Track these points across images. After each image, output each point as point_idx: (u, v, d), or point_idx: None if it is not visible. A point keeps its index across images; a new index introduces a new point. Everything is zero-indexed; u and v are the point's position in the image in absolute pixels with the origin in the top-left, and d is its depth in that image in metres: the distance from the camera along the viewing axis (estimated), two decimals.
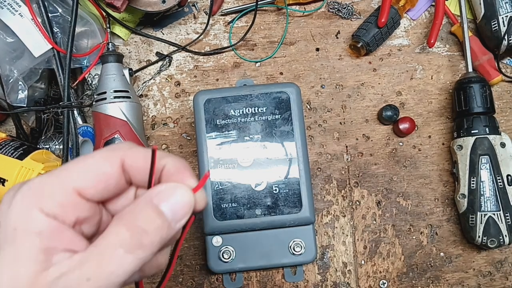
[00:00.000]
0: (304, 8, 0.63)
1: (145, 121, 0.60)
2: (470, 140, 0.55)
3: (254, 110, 0.52)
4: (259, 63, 0.62)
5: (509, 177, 0.55)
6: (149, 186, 0.23)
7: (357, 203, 0.59)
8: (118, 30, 0.61)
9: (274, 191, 0.51)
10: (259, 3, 0.59)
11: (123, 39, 0.62)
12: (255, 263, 0.53)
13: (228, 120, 0.51)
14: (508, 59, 0.63)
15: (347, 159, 0.60)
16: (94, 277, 0.20)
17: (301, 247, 0.53)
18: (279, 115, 0.52)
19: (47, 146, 0.56)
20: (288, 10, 0.62)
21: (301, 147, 0.51)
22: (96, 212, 0.23)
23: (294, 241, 0.53)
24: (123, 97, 0.53)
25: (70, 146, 0.52)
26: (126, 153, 0.23)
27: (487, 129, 0.55)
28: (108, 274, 0.20)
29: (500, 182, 0.54)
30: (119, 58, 0.56)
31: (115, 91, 0.53)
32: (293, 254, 0.53)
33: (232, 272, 0.56)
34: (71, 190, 0.21)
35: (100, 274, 0.20)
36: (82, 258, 0.20)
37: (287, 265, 0.55)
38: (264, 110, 0.52)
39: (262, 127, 0.51)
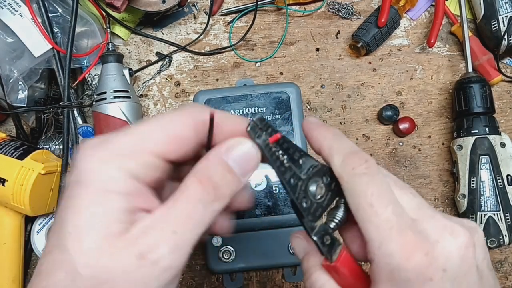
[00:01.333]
0: (304, 8, 0.63)
1: None
2: (470, 140, 0.55)
3: (254, 110, 0.52)
4: (259, 63, 0.62)
5: (509, 177, 0.55)
6: (207, 149, 0.24)
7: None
8: (118, 30, 0.61)
9: (274, 191, 0.51)
10: (259, 3, 0.59)
11: (123, 39, 0.62)
12: (255, 263, 0.53)
13: None
14: (508, 59, 0.63)
15: None
16: (179, 230, 0.21)
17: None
18: (279, 115, 0.52)
19: (47, 146, 0.56)
20: (288, 10, 0.62)
21: (301, 147, 0.51)
22: (169, 171, 0.24)
23: None
24: (123, 97, 0.53)
25: (70, 146, 0.52)
26: (197, 116, 0.24)
27: (487, 129, 0.55)
28: (192, 227, 0.22)
29: (500, 182, 0.54)
30: (119, 58, 0.56)
31: (115, 91, 0.53)
32: (293, 254, 0.53)
33: (232, 272, 0.56)
34: (153, 152, 0.22)
35: (184, 227, 0.21)
36: (165, 214, 0.22)
37: (287, 265, 0.55)
38: (264, 110, 0.52)
39: None
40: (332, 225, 0.26)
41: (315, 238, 0.25)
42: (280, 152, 0.24)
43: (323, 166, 0.26)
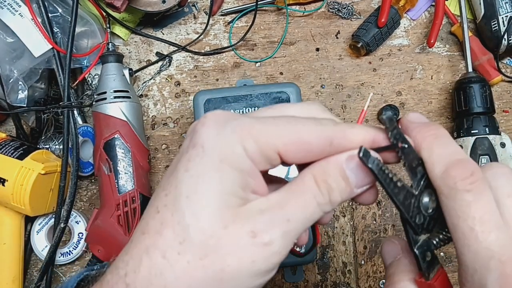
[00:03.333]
0: (304, 8, 0.63)
1: (145, 121, 0.60)
2: (470, 140, 0.55)
3: (254, 110, 0.52)
4: (259, 63, 0.62)
5: None
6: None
7: (357, 203, 0.59)
8: (118, 30, 0.61)
9: None
10: (259, 3, 0.59)
11: (123, 39, 0.62)
12: None
13: None
14: (508, 59, 0.63)
15: None
16: (293, 219, 0.22)
17: (301, 247, 0.53)
18: None
19: (47, 146, 0.56)
20: (288, 10, 0.62)
21: None
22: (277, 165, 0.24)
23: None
24: (123, 97, 0.53)
25: (70, 146, 0.52)
26: (335, 132, 0.23)
27: (487, 129, 0.55)
28: (302, 220, 0.22)
29: None
30: (119, 58, 0.56)
31: (115, 91, 0.53)
32: (293, 254, 0.53)
33: None
34: (274, 147, 0.22)
35: (297, 218, 0.22)
36: (281, 201, 0.22)
37: (287, 265, 0.55)
38: None
39: None
40: (436, 241, 0.24)
41: (417, 252, 0.24)
42: (393, 173, 0.23)
43: None
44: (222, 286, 0.21)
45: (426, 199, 0.24)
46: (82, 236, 0.56)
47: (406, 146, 0.24)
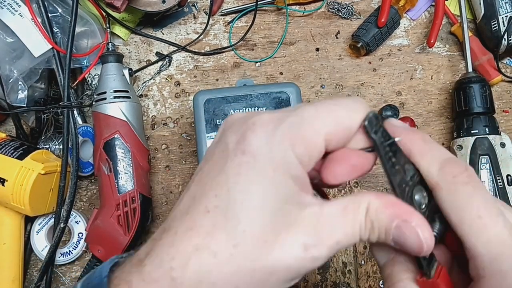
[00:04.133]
0: (304, 8, 0.63)
1: (145, 121, 0.60)
2: (470, 140, 0.55)
3: (254, 110, 0.52)
4: (259, 63, 0.62)
5: (509, 177, 0.55)
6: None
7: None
8: (118, 30, 0.61)
9: None
10: (259, 3, 0.59)
11: (123, 39, 0.62)
12: None
13: None
14: (508, 59, 0.63)
15: None
16: (341, 243, 0.22)
17: None
18: None
19: (47, 146, 0.56)
20: (288, 10, 0.62)
21: None
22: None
23: None
24: (123, 97, 0.53)
25: (70, 146, 0.52)
26: (367, 110, 0.23)
27: (487, 129, 0.55)
28: (345, 244, 0.22)
29: (500, 182, 0.54)
30: (119, 58, 0.56)
31: (115, 91, 0.53)
32: None
33: None
34: (319, 145, 0.22)
35: (343, 243, 0.22)
36: (335, 221, 0.22)
37: None
38: (264, 110, 0.52)
39: None
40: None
41: None
42: (391, 153, 0.23)
43: None
44: (264, 287, 0.22)
45: (418, 196, 0.24)
46: (82, 236, 0.56)
47: (399, 139, 0.24)
